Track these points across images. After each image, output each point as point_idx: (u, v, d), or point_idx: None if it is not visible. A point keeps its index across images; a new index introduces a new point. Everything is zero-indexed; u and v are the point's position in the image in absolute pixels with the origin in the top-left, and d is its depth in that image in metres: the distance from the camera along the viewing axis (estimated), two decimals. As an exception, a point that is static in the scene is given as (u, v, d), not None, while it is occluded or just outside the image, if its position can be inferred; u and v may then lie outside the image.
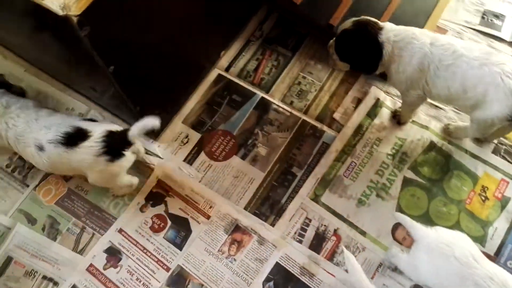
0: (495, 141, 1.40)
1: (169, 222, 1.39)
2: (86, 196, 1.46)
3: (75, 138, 1.22)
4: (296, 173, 1.42)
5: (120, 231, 1.40)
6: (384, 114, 1.47)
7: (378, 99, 1.50)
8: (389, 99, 1.50)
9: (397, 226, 1.31)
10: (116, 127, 1.27)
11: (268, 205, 1.39)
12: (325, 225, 1.34)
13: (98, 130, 1.22)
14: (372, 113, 1.48)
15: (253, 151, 1.46)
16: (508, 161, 1.38)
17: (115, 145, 1.22)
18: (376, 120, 1.46)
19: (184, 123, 1.54)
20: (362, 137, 1.44)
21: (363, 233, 1.32)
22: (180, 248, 1.35)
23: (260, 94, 1.54)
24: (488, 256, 1.18)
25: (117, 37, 1.04)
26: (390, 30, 1.19)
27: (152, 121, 1.19)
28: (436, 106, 1.47)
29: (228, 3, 1.45)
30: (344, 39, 1.23)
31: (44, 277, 1.37)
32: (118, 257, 1.36)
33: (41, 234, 1.42)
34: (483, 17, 1.61)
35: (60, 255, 1.39)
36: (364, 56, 1.23)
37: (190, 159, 1.48)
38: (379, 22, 1.21)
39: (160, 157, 1.48)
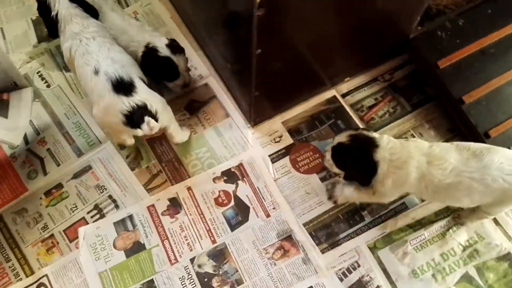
0: None
1: (233, 203, 1.46)
2: (174, 146, 1.57)
3: (121, 87, 1.28)
4: (365, 217, 1.43)
5: (189, 189, 1.49)
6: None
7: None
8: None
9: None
10: (155, 104, 1.31)
11: (326, 232, 1.41)
12: (370, 277, 1.34)
13: (138, 97, 1.28)
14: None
15: (333, 178, 1.49)
16: None
17: (136, 119, 1.28)
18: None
19: (283, 124, 1.60)
20: (444, 218, 1.41)
21: (402, 302, 1.31)
22: (232, 229, 1.42)
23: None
24: None
25: (277, 27, 1.12)
26: (386, 148, 1.18)
27: None
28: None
29: (375, 39, 1.49)
30: (339, 152, 1.25)
31: (110, 197, 1.49)
32: (177, 210, 1.45)
33: (124, 160, 1.55)
34: None
35: (131, 184, 1.51)
36: (357, 172, 1.25)
37: (274, 158, 1.54)
38: (376, 137, 1.21)
39: (249, 144, 1.55)
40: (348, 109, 1.61)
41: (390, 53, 1.67)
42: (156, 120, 1.31)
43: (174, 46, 1.46)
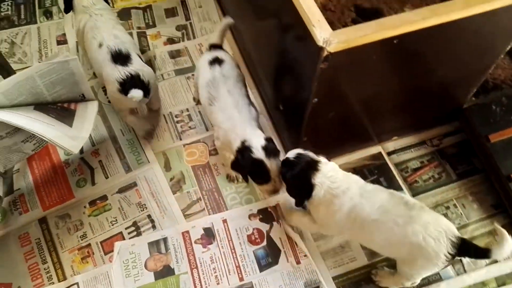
0: None
1: (265, 243, 1.47)
2: (216, 176, 1.62)
3: (119, 58, 1.48)
4: (396, 279, 1.40)
5: (224, 221, 1.52)
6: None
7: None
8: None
9: None
10: (147, 75, 1.50)
11: (354, 290, 1.40)
12: None
13: (133, 67, 1.47)
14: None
15: (368, 235, 1.48)
16: None
17: (129, 87, 1.44)
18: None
19: (326, 172, 1.62)
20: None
21: None
22: (261, 270, 1.43)
23: (406, 193, 1.56)
24: None
25: (337, 81, 1.17)
26: (327, 175, 1.20)
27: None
28: None
29: (429, 104, 1.51)
30: (285, 166, 1.27)
31: (149, 216, 1.54)
32: (210, 240, 1.48)
33: (167, 182, 1.61)
34: None
35: (170, 207, 1.55)
36: (294, 190, 1.27)
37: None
38: (321, 162, 1.22)
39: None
40: (392, 167, 1.61)
41: (442, 119, 1.68)
42: (148, 91, 1.49)
43: (270, 148, 1.32)
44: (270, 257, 1.45)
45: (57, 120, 1.40)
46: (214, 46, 1.57)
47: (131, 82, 1.45)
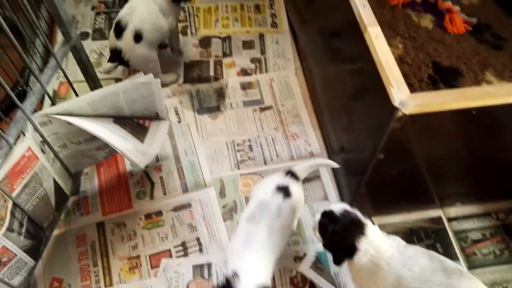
0: None
1: (307, 288, 1.46)
2: (269, 212, 1.63)
3: (118, 29, 1.72)
4: None
5: (269, 258, 1.52)
6: None
7: None
8: None
9: None
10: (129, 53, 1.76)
11: None
12: None
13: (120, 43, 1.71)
14: None
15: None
16: None
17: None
18: None
19: (380, 227, 1.58)
20: None
21: None
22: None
23: (462, 264, 1.49)
24: None
25: (407, 141, 1.16)
26: (373, 243, 1.12)
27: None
28: None
29: (499, 175, 1.46)
30: (327, 218, 1.17)
31: (197, 239, 1.58)
32: (253, 275, 1.48)
33: (220, 209, 1.65)
34: None
35: (219, 234, 1.58)
36: (333, 247, 1.18)
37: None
38: (367, 226, 1.13)
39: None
40: (451, 234, 1.55)
41: (511, 193, 1.60)
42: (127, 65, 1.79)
43: None
44: (309, 306, 1.43)
45: (131, 135, 1.49)
46: (292, 174, 1.37)
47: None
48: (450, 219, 1.59)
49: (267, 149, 1.82)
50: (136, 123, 1.54)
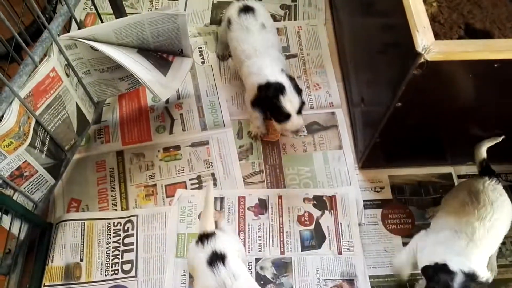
0: None
1: (313, 226, 1.53)
2: (283, 155, 1.68)
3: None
4: None
5: (279, 197, 1.58)
6: None
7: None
8: None
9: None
10: None
11: (392, 294, 1.42)
12: None
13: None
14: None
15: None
16: None
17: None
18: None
19: (389, 178, 1.63)
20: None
21: None
22: (303, 249, 1.49)
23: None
24: None
25: (426, 89, 1.16)
26: None
27: None
28: None
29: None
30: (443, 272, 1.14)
31: (212, 174, 1.64)
32: (262, 211, 1.55)
33: (236, 149, 1.70)
34: None
35: (233, 172, 1.64)
36: None
37: (367, 205, 1.58)
38: None
39: (350, 182, 1.61)
40: (459, 191, 1.58)
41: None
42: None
43: (293, 83, 1.50)
44: (314, 240, 1.50)
45: (154, 67, 1.52)
46: None
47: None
48: (459, 176, 1.61)
49: (288, 96, 1.83)
50: (160, 56, 1.57)
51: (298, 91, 1.48)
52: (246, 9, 1.60)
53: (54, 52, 1.32)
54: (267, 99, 1.46)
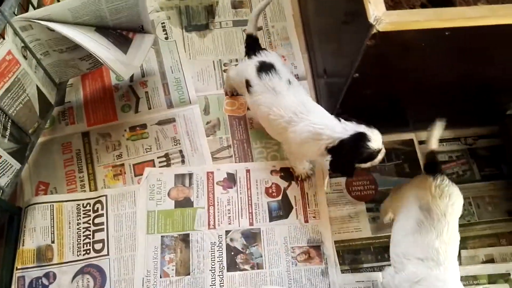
0: None
1: (280, 197, 1.57)
2: (250, 129, 1.70)
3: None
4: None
5: (247, 171, 1.61)
6: None
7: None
8: None
9: None
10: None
11: (353, 257, 1.49)
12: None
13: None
14: None
15: (378, 212, 1.54)
16: None
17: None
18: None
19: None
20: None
21: None
22: (270, 220, 1.53)
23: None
24: None
25: (380, 60, 1.19)
26: None
27: None
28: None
29: (473, 102, 1.51)
30: None
31: (180, 151, 1.65)
32: (231, 185, 1.58)
33: (203, 125, 1.70)
34: None
35: (201, 148, 1.65)
36: None
37: (332, 174, 1.62)
38: None
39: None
40: (420, 156, 1.64)
41: (482, 120, 1.67)
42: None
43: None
44: (281, 210, 1.54)
45: (113, 45, 1.50)
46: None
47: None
48: (421, 142, 1.66)
49: (253, 70, 1.84)
50: (119, 34, 1.54)
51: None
52: (266, 68, 1.39)
53: (9, 34, 1.29)
54: (350, 156, 1.27)
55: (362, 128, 1.26)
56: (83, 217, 1.52)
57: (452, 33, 1.09)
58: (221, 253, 1.47)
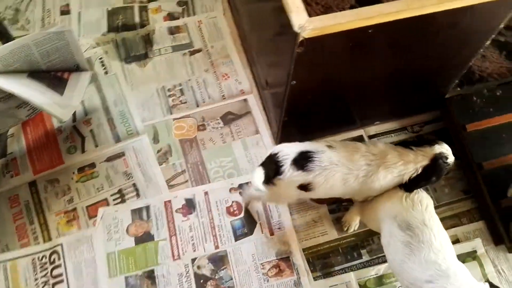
0: None
1: (242, 215, 1.55)
2: (202, 150, 1.68)
3: None
4: (363, 255, 1.49)
5: (206, 193, 1.59)
6: None
7: None
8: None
9: None
10: None
11: (323, 262, 1.48)
12: (356, 314, 1.39)
13: None
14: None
15: (341, 212, 1.55)
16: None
17: None
18: None
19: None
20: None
21: None
22: (236, 239, 1.51)
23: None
24: None
25: (313, 65, 1.21)
26: None
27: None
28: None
29: (411, 91, 1.55)
30: None
31: (134, 185, 1.61)
32: (191, 211, 1.55)
33: (154, 154, 1.67)
34: None
35: (155, 177, 1.62)
36: None
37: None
38: None
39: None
40: (370, 151, 1.66)
41: (424, 107, 1.72)
42: None
43: None
44: (246, 228, 1.52)
45: (48, 88, 1.46)
46: None
47: None
48: (370, 137, 1.70)
49: (199, 91, 1.83)
50: (54, 76, 1.50)
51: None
52: (303, 157, 1.27)
53: None
54: (436, 178, 1.29)
55: (437, 149, 1.27)
56: (40, 271, 1.45)
57: (374, 30, 1.12)
58: (190, 284, 1.44)
